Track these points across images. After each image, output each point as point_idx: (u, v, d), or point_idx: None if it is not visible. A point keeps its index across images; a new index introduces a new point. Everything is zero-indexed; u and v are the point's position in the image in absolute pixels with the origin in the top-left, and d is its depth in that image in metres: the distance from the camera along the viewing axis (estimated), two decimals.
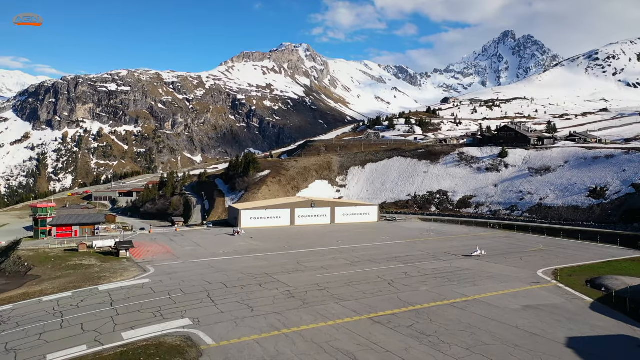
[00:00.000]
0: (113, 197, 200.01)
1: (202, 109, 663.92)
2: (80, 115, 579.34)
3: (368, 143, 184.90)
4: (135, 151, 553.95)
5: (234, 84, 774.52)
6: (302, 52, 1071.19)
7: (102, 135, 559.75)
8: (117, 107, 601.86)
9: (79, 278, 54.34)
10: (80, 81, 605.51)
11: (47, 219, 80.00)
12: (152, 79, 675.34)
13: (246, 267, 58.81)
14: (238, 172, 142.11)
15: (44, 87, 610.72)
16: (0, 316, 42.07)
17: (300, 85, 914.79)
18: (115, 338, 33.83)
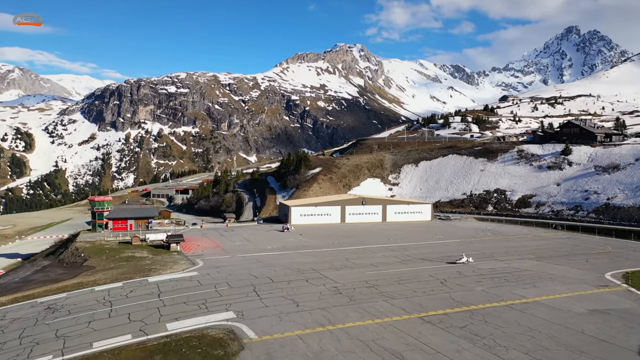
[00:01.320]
0: (170, 194, 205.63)
1: (257, 110, 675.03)
2: (141, 117, 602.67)
3: (422, 141, 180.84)
4: (193, 151, 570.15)
5: (289, 85, 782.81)
6: (356, 52, 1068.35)
7: (162, 136, 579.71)
8: (176, 109, 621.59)
9: (131, 269, 55.21)
10: (142, 84, 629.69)
11: (104, 212, 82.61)
12: (210, 81, 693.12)
13: (294, 263, 57.93)
14: (289, 170, 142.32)
15: (108, 90, 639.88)
16: (54, 304, 43.32)
17: (354, 86, 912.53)
18: (159, 329, 33.65)
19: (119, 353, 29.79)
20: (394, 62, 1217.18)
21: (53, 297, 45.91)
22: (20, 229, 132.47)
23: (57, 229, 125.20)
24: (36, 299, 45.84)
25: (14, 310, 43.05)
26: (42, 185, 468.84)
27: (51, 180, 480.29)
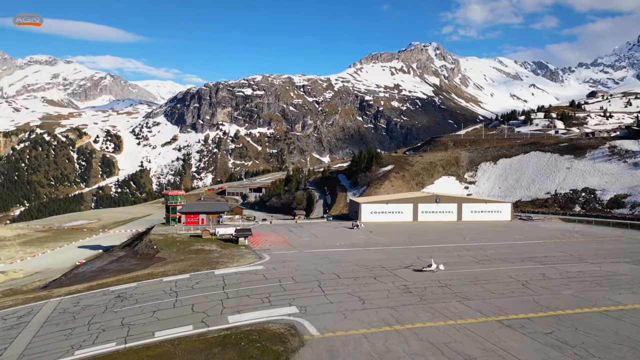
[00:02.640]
0: (244, 192, 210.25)
1: (330, 110, 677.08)
2: (219, 119, 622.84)
3: (501, 138, 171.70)
4: (268, 152, 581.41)
5: (362, 85, 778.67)
6: (432, 51, 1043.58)
7: (238, 137, 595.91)
8: (252, 111, 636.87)
9: (199, 262, 55.47)
10: (220, 87, 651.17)
11: (177, 206, 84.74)
12: (284, 83, 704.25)
13: (362, 260, 55.67)
14: (360, 167, 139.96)
15: (189, 94, 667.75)
16: (124, 292, 44.11)
17: (429, 85, 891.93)
18: (221, 321, 32.83)
19: (179, 343, 29.18)
20: (471, 60, 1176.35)
21: (124, 286, 46.83)
22: (105, 223, 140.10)
23: (137, 223, 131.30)
24: (108, 288, 47.06)
25: (87, 297, 44.31)
26: (128, 184, 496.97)
27: (137, 180, 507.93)
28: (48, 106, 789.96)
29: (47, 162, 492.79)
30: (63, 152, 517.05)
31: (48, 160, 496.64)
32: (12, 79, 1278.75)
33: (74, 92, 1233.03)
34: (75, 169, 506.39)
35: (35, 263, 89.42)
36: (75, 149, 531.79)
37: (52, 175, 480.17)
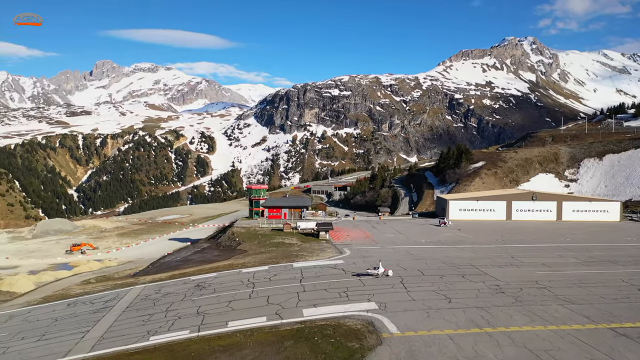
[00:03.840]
0: (329, 191, 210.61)
1: (418, 110, 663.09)
2: (307, 120, 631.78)
3: (607, 132, 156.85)
4: (355, 152, 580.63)
5: (452, 83, 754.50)
6: (527, 45, 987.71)
7: (325, 138, 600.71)
8: (339, 111, 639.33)
9: (278, 255, 54.69)
10: (308, 88, 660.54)
11: (260, 200, 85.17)
12: (371, 82, 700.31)
13: (448, 257, 51.82)
14: (449, 164, 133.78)
15: (278, 96, 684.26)
16: (203, 282, 44.29)
17: (524, 81, 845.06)
18: (295, 314, 31.37)
19: (251, 334, 27.98)
20: (571, 55, 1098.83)
21: (204, 276, 47.18)
22: (195, 218, 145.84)
23: (225, 218, 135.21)
24: (189, 277, 47.58)
25: (169, 286, 45.01)
26: (220, 183, 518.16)
27: (228, 179, 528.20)
28: (150, 110, 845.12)
29: (148, 162, 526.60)
30: (162, 153, 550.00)
31: (149, 160, 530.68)
32: (120, 86, 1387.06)
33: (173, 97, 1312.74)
34: (172, 169, 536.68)
35: (129, 253, 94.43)
36: (173, 150, 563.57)
37: (152, 174, 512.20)
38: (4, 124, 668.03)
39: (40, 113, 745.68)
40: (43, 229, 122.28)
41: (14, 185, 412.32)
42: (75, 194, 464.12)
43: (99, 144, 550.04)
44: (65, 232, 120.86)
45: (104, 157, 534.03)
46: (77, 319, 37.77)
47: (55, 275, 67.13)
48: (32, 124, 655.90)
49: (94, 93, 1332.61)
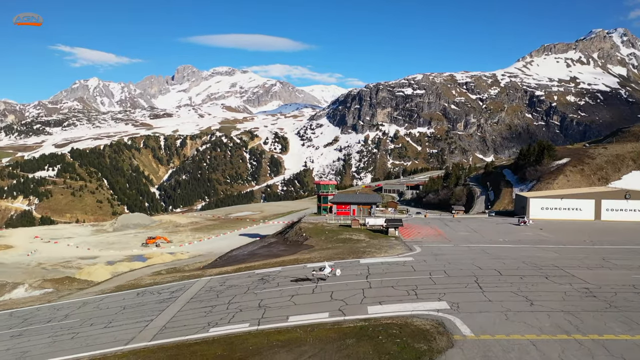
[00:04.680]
0: (400, 189, 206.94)
1: (495, 108, 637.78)
2: (379, 119, 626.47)
3: None
4: (428, 152, 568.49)
5: (532, 80, 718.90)
6: (617, 38, 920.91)
7: (397, 137, 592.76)
8: (411, 110, 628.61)
9: (345, 250, 53.10)
10: (380, 88, 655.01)
11: (328, 195, 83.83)
12: (446, 81, 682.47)
13: (529, 257, 47.61)
14: (529, 161, 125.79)
15: (350, 96, 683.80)
16: (268, 275, 43.68)
17: (614, 76, 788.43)
18: (359, 310, 29.50)
19: (311, 330, 26.42)
20: None
21: (269, 269, 46.70)
22: (266, 215, 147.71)
23: (295, 215, 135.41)
24: (254, 270, 47.36)
25: (234, 278, 44.89)
26: (293, 183, 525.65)
27: (301, 179, 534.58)
28: (226, 112, 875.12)
29: (224, 162, 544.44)
30: (237, 153, 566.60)
31: (225, 160, 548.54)
32: (199, 89, 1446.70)
33: (248, 99, 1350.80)
34: (247, 168, 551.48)
35: (201, 247, 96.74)
36: (248, 150, 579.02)
37: (228, 173, 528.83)
38: (95, 126, 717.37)
39: (127, 116, 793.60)
40: (123, 222, 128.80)
41: (103, 184, 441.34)
42: (157, 192, 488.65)
43: (179, 145, 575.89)
44: (144, 226, 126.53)
45: (183, 157, 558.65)
46: (143, 308, 38.33)
47: (130, 266, 69.70)
48: (120, 126, 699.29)
49: (176, 96, 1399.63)
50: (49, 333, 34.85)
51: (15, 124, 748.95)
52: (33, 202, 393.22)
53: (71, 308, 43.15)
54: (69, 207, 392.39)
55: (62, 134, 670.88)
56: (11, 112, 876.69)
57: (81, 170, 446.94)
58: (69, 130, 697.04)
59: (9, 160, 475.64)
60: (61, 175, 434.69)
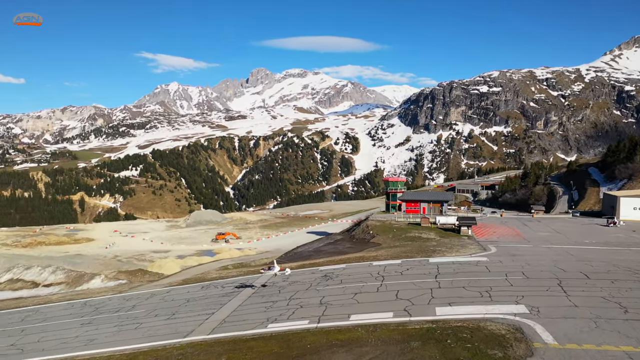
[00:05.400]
0: (475, 189, 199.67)
1: (579, 105, 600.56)
2: (453, 118, 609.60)
3: None
4: (505, 152, 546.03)
5: (621, 74, 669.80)
6: None
7: (472, 137, 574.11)
8: (487, 109, 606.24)
9: (413, 249, 50.71)
10: (454, 86, 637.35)
11: (397, 192, 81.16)
12: (524, 77, 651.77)
13: (622, 260, 42.84)
14: (619, 158, 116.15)
15: (422, 95, 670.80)
16: (331, 272, 42.56)
17: None
18: (426, 311, 27.36)
19: (374, 330, 24.64)
20: None
21: (333, 266, 45.63)
22: (335, 213, 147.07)
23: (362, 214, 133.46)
24: (318, 267, 46.47)
25: (297, 274, 44.14)
26: (363, 183, 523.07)
27: (371, 179, 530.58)
28: (298, 113, 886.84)
29: (296, 162, 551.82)
30: (308, 154, 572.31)
31: (296, 160, 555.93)
32: (272, 92, 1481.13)
33: (320, 100, 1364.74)
34: (318, 169, 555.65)
35: (268, 244, 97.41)
36: (319, 151, 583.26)
37: (299, 173, 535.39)
38: (175, 128, 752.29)
39: (204, 118, 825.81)
40: (196, 219, 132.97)
41: (181, 183, 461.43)
42: (231, 191, 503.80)
43: (252, 145, 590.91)
44: (215, 223, 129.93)
45: (256, 157, 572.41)
46: (206, 301, 38.30)
47: (199, 261, 71.14)
48: (197, 128, 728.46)
49: (250, 99, 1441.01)
50: (116, 322, 35.66)
51: (104, 127, 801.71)
52: (118, 200, 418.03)
53: (139, 299, 44.06)
54: (150, 205, 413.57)
55: (144, 135, 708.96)
56: (100, 116, 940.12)
57: (161, 170, 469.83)
58: (151, 132, 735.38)
59: (98, 161, 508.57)
60: (143, 174, 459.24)
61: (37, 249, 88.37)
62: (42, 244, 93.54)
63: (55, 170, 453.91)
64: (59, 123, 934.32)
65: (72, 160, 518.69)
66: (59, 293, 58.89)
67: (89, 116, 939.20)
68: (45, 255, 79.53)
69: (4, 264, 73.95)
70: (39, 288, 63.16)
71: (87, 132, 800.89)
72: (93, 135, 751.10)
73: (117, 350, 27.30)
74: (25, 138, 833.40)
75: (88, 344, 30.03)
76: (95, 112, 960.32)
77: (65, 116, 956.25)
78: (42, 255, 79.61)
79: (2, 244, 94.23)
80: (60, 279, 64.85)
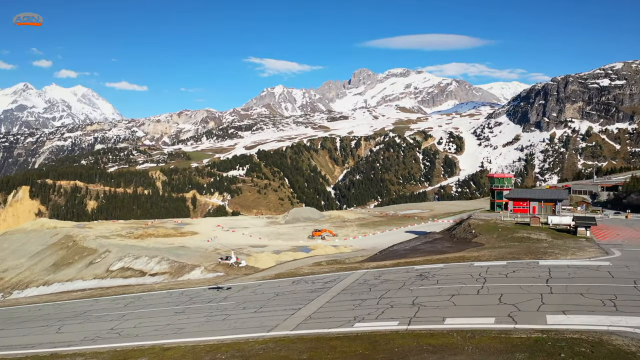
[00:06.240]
0: (593, 191, 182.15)
1: None
2: (568, 115, 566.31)
3: None
4: (629, 151, 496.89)
5: None
6: None
7: (590, 135, 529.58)
8: (608, 104, 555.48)
9: (521, 250, 46.06)
10: (569, 80, 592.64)
11: (503, 190, 75.03)
12: None
13: None
14: None
15: (534, 91, 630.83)
16: (427, 272, 40.02)
17: None
18: (535, 319, 23.94)
19: (472, 337, 21.78)
20: None
21: (429, 266, 42.90)
22: (436, 213, 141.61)
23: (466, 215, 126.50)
24: (413, 266, 44.09)
25: (390, 273, 42.43)
26: (468, 184, 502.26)
27: (476, 180, 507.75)
28: (400, 113, 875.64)
29: (397, 163, 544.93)
30: (410, 154, 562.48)
31: (397, 160, 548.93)
32: (374, 92, 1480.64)
33: (422, 100, 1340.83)
34: (420, 169, 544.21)
35: (364, 241, 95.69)
36: (421, 151, 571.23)
37: (401, 174, 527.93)
38: (279, 129, 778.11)
39: (307, 119, 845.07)
40: (294, 216, 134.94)
41: (284, 182, 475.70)
42: (333, 191, 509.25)
43: (354, 146, 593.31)
44: (313, 220, 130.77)
45: (357, 157, 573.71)
46: (294, 296, 37.61)
47: (294, 256, 71.25)
48: (300, 129, 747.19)
49: (352, 100, 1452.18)
50: (206, 313, 36.09)
51: (214, 129, 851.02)
52: (226, 198, 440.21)
53: (231, 291, 44.40)
54: (255, 203, 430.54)
55: (251, 137, 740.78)
56: (212, 119, 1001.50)
57: (266, 170, 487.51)
58: (257, 133, 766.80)
59: (208, 161, 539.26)
60: (249, 174, 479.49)
61: (146, 240, 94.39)
62: (152, 236, 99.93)
63: (171, 169, 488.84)
64: (175, 126, 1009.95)
65: (186, 160, 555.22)
66: (162, 282, 61.63)
67: (202, 119, 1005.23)
68: (152, 246, 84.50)
69: (117, 253, 79.59)
70: (145, 277, 66.70)
71: (199, 134, 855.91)
72: (205, 137, 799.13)
73: (202, 340, 27.26)
74: (147, 140, 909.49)
75: (177, 333, 30.55)
76: (207, 115, 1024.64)
77: (181, 120, 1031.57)
78: (150, 246, 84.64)
79: (117, 234, 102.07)
80: (165, 269, 67.96)
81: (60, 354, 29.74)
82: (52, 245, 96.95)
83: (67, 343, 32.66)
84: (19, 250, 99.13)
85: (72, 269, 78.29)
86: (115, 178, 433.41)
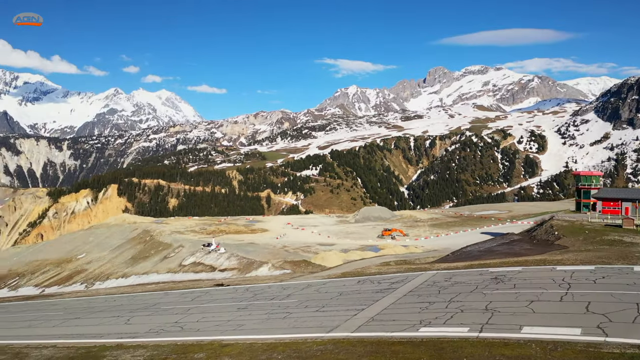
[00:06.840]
0: None
1: None
2: None
3: None
4: None
5: None
6: None
7: None
8: None
9: (612, 254, 41.63)
10: None
11: (591, 189, 68.79)
12: None
13: None
14: None
15: (626, 85, 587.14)
16: (503, 275, 37.07)
17: None
18: (630, 332, 20.94)
19: (553, 349, 19.27)
20: None
21: (506, 268, 39.58)
22: (514, 215, 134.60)
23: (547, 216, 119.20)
24: (488, 268, 41.10)
25: (461, 275, 39.88)
26: (551, 185, 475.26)
27: (560, 181, 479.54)
28: (477, 111, 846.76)
29: (474, 162, 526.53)
30: (488, 153, 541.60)
31: (474, 160, 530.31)
32: (450, 90, 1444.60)
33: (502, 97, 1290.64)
34: (498, 169, 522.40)
35: (436, 242, 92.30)
36: (499, 150, 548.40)
37: (478, 174, 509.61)
38: (352, 129, 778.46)
39: (380, 119, 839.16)
40: (365, 215, 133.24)
41: (357, 182, 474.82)
42: (406, 191, 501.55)
43: (428, 145, 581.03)
44: (383, 219, 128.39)
45: (432, 157, 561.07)
46: (358, 296, 36.05)
47: (362, 255, 69.72)
48: (373, 129, 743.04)
49: (427, 98, 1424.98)
50: (267, 310, 35.48)
51: (289, 129, 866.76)
52: (299, 197, 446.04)
53: (295, 289, 43.87)
54: (327, 203, 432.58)
55: (324, 137, 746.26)
56: (286, 120, 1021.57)
57: (339, 170, 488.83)
58: (330, 133, 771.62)
59: (282, 161, 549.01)
60: (322, 174, 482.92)
61: (218, 236, 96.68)
62: (223, 232, 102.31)
63: (247, 169, 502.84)
64: (251, 127, 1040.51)
65: (261, 160, 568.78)
66: (231, 278, 62.18)
67: (277, 120, 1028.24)
68: (223, 242, 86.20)
69: (190, 248, 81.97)
70: (215, 272, 67.83)
71: (274, 134, 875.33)
72: (279, 137, 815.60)
73: (260, 338, 26.72)
74: (225, 141, 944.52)
75: (236, 329, 30.17)
76: (282, 116, 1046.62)
77: (257, 121, 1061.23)
78: (221, 242, 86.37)
79: (191, 230, 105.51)
80: (234, 265, 68.76)
81: (125, 345, 30.20)
82: (131, 239, 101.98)
83: (133, 334, 33.41)
84: (102, 243, 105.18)
85: (148, 262, 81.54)
86: (194, 177, 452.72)
